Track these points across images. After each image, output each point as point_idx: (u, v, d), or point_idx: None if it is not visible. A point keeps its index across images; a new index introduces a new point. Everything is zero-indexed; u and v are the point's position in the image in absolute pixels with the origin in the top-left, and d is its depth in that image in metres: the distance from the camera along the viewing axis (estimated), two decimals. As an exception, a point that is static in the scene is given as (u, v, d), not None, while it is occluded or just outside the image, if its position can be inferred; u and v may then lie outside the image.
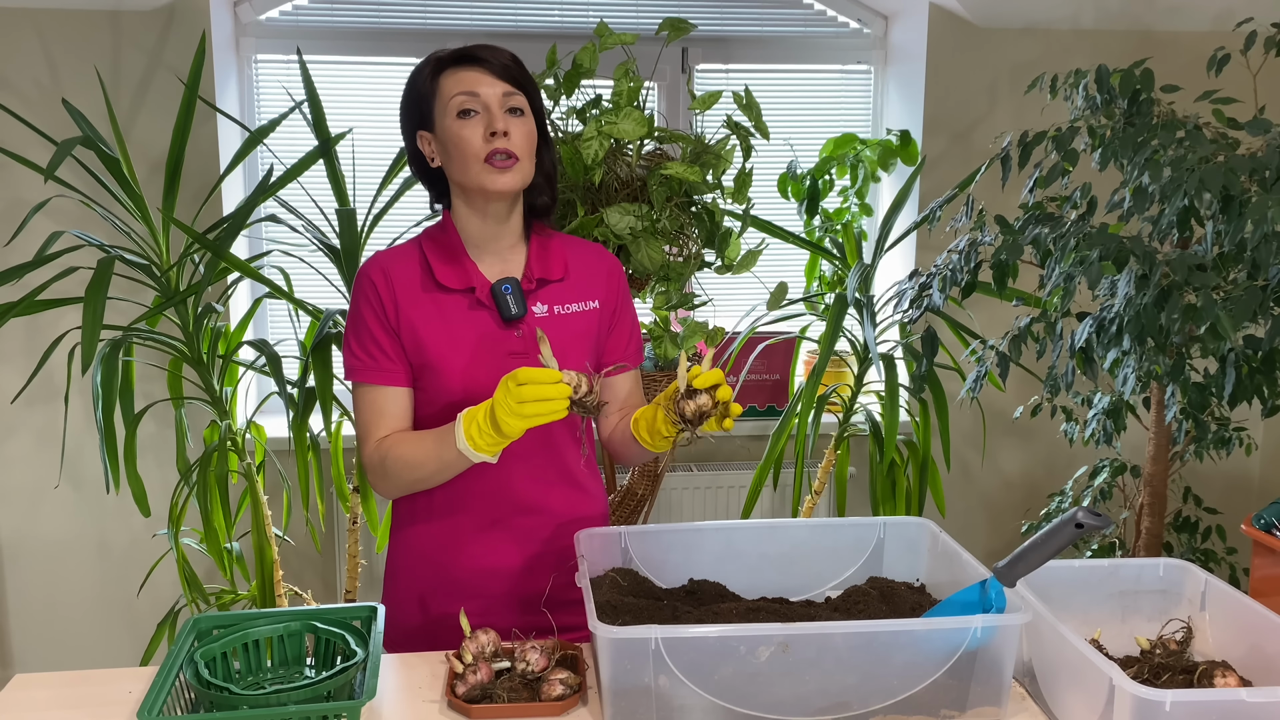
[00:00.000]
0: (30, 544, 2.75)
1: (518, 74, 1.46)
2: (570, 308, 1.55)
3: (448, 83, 1.45)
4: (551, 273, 1.54)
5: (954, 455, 2.98)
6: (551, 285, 1.54)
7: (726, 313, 2.90)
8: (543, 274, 1.53)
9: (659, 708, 1.23)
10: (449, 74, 1.45)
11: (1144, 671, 1.36)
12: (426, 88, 1.47)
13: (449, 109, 1.44)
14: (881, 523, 1.60)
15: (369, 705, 1.31)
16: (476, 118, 1.43)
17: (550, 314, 1.53)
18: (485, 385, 1.46)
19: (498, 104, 1.44)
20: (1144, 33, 2.84)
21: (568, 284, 1.55)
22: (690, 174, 2.15)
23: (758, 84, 2.94)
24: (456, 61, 1.45)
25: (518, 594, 1.56)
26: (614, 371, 1.61)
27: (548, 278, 1.53)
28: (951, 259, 2.11)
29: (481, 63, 1.44)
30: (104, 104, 2.38)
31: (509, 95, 1.44)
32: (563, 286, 1.55)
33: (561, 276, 1.54)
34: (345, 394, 2.61)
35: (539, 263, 1.53)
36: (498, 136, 1.42)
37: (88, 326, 1.90)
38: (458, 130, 1.44)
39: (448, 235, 1.53)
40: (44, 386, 2.60)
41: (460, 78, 1.44)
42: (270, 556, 2.34)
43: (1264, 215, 1.71)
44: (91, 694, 1.35)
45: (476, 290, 1.50)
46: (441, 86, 1.46)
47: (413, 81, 1.50)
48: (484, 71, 1.44)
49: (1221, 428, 2.33)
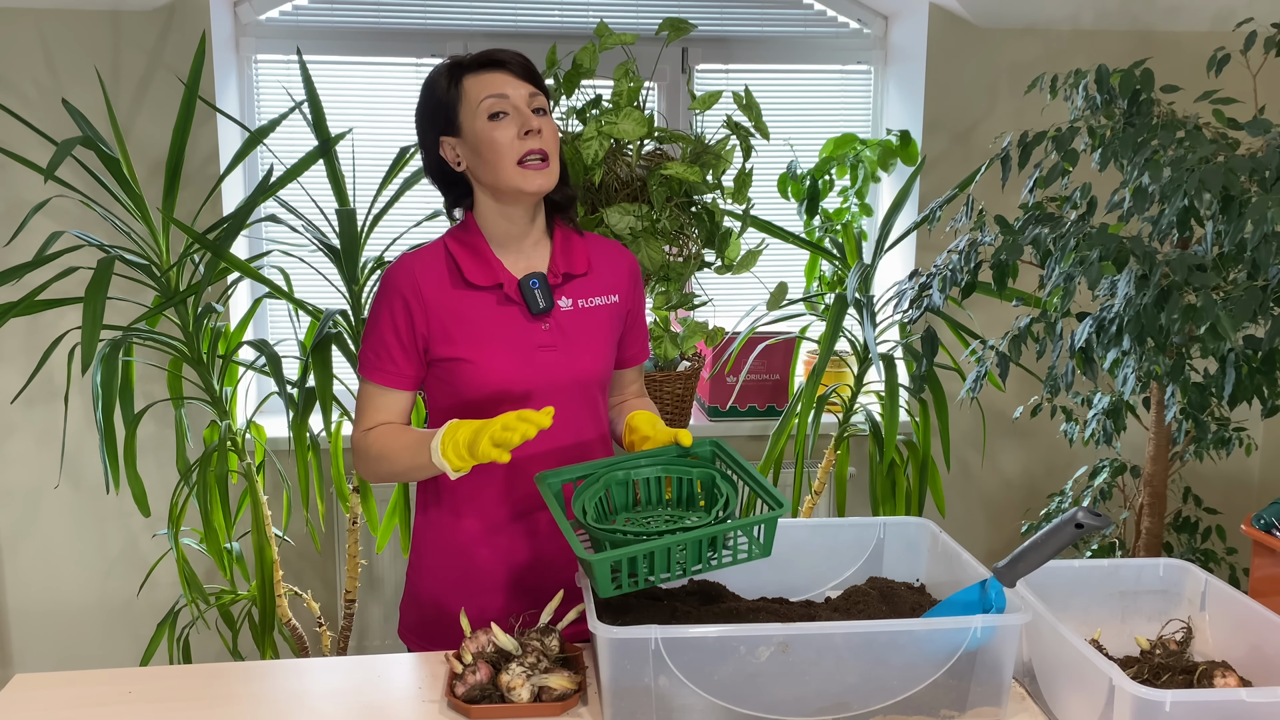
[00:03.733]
0: (30, 544, 2.75)
1: (537, 75, 1.51)
2: (594, 301, 1.60)
3: (473, 87, 1.48)
4: (576, 267, 1.58)
5: (954, 455, 2.98)
6: (576, 280, 1.59)
7: (726, 313, 2.90)
8: (568, 268, 1.58)
9: (659, 708, 1.23)
10: (472, 78, 1.48)
11: (1144, 671, 1.36)
12: (448, 94, 1.50)
13: (479, 112, 1.47)
14: (881, 523, 1.60)
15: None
16: (508, 119, 1.47)
17: (575, 307, 1.58)
18: (515, 378, 1.52)
19: (525, 104, 1.48)
20: (1144, 33, 2.84)
21: (591, 278, 1.60)
22: (690, 174, 2.15)
23: (758, 84, 2.94)
24: (478, 66, 1.49)
25: (532, 589, 1.59)
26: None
27: (572, 272, 1.58)
28: (951, 259, 2.11)
29: (504, 65, 1.48)
30: (104, 104, 2.38)
31: (534, 96, 1.49)
32: (586, 281, 1.60)
33: (585, 271, 1.59)
34: (345, 394, 2.61)
35: (563, 258, 1.58)
36: (532, 135, 1.46)
37: (88, 326, 1.90)
38: (490, 133, 1.47)
39: (472, 235, 1.56)
40: (44, 386, 2.60)
41: (486, 81, 1.47)
42: (270, 556, 2.34)
43: (1264, 215, 1.71)
44: (91, 694, 1.36)
45: (504, 286, 1.54)
46: (466, 91, 1.48)
47: (431, 89, 1.52)
48: (509, 74, 1.48)
49: (1221, 428, 2.33)
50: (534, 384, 1.53)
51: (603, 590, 1.24)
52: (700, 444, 1.47)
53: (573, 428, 1.58)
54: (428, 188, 2.59)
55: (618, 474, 1.44)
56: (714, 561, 1.30)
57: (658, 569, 1.26)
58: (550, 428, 1.54)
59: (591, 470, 1.45)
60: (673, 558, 1.26)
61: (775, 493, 1.31)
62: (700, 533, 1.26)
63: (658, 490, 1.46)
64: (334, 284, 2.35)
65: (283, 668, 1.44)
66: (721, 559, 1.30)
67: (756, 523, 1.28)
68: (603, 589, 1.25)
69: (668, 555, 1.25)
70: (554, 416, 1.47)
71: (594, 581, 1.25)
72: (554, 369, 1.54)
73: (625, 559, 1.23)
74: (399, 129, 2.80)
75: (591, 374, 1.57)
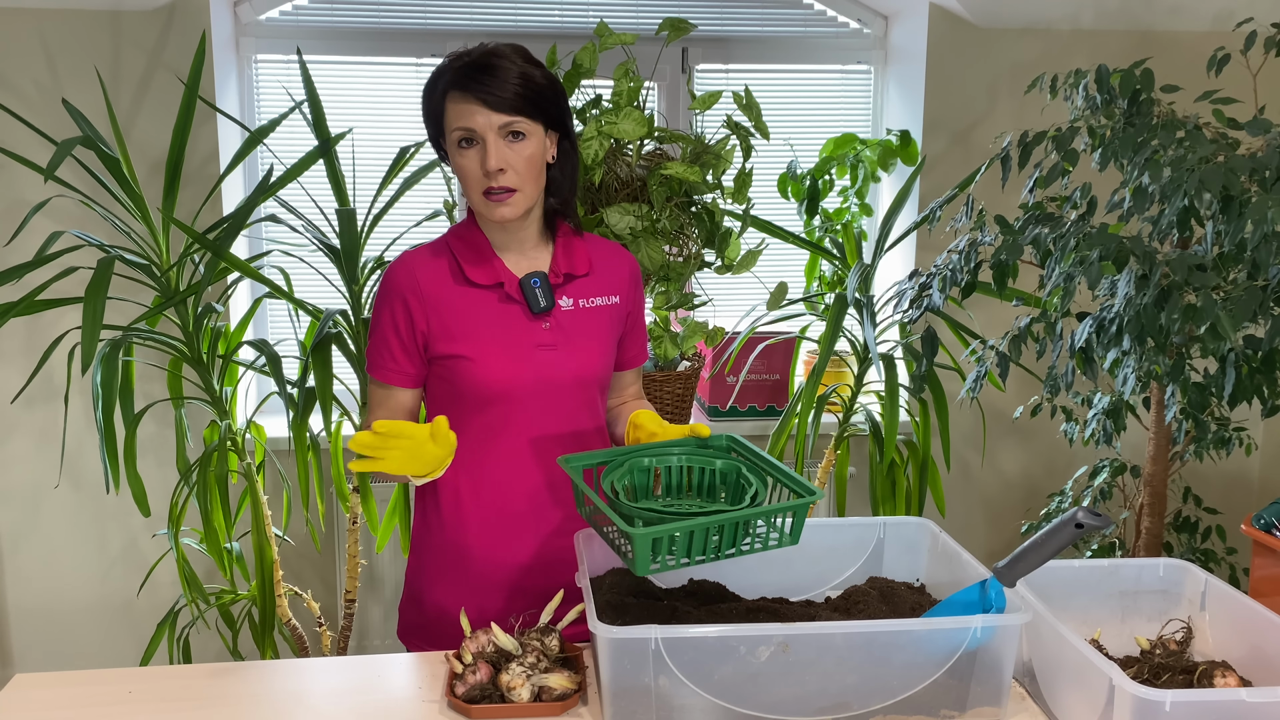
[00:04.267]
0: (30, 544, 2.75)
1: (520, 101, 1.44)
2: (594, 301, 1.60)
3: (450, 111, 1.47)
4: (577, 268, 1.59)
5: (954, 455, 2.98)
6: (577, 280, 1.59)
7: (726, 313, 2.90)
8: (569, 269, 1.58)
9: (659, 708, 1.23)
10: (453, 100, 1.46)
11: (1144, 671, 1.36)
12: (436, 106, 1.50)
13: (451, 138, 1.48)
14: (881, 523, 1.60)
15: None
16: (475, 149, 1.46)
17: (575, 307, 1.58)
18: (516, 376, 1.52)
19: (495, 135, 1.44)
20: (1144, 33, 2.84)
21: (592, 279, 1.61)
22: (690, 174, 2.15)
23: (758, 84, 2.94)
24: (462, 85, 1.45)
25: (533, 588, 1.59)
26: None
27: (574, 272, 1.59)
28: (951, 259, 2.11)
29: (483, 92, 1.43)
30: (104, 104, 2.38)
31: (508, 124, 1.45)
32: (587, 281, 1.60)
33: (586, 271, 1.60)
34: (345, 394, 2.62)
35: (564, 258, 1.58)
36: (492, 175, 1.45)
37: (88, 326, 1.90)
38: (459, 160, 1.48)
39: (474, 233, 1.57)
40: (44, 386, 2.60)
41: (460, 110, 1.45)
42: (270, 556, 2.34)
43: (1264, 215, 1.71)
44: (91, 694, 1.36)
45: (505, 285, 1.54)
46: (446, 113, 1.48)
47: (427, 94, 1.52)
48: (481, 105, 1.44)
49: (1221, 428, 2.33)
50: (533, 383, 1.53)
51: (641, 567, 1.24)
52: (716, 438, 1.48)
53: (572, 427, 1.58)
54: (428, 187, 2.62)
55: (642, 460, 1.45)
56: (745, 547, 1.30)
57: (694, 549, 1.26)
58: (548, 427, 1.56)
59: (613, 456, 1.45)
60: (709, 539, 1.26)
61: (804, 482, 1.32)
62: (742, 514, 1.27)
63: (679, 479, 1.47)
64: (334, 284, 2.35)
65: (283, 668, 1.44)
66: (754, 545, 1.30)
67: (793, 507, 1.29)
68: (641, 566, 1.24)
69: (705, 536, 1.26)
70: (552, 417, 1.48)
71: (633, 557, 1.24)
72: (554, 368, 1.54)
73: (666, 535, 1.23)
74: (399, 129, 2.80)
75: (591, 373, 1.58)
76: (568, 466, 1.41)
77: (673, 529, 1.23)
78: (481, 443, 1.56)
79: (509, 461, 1.56)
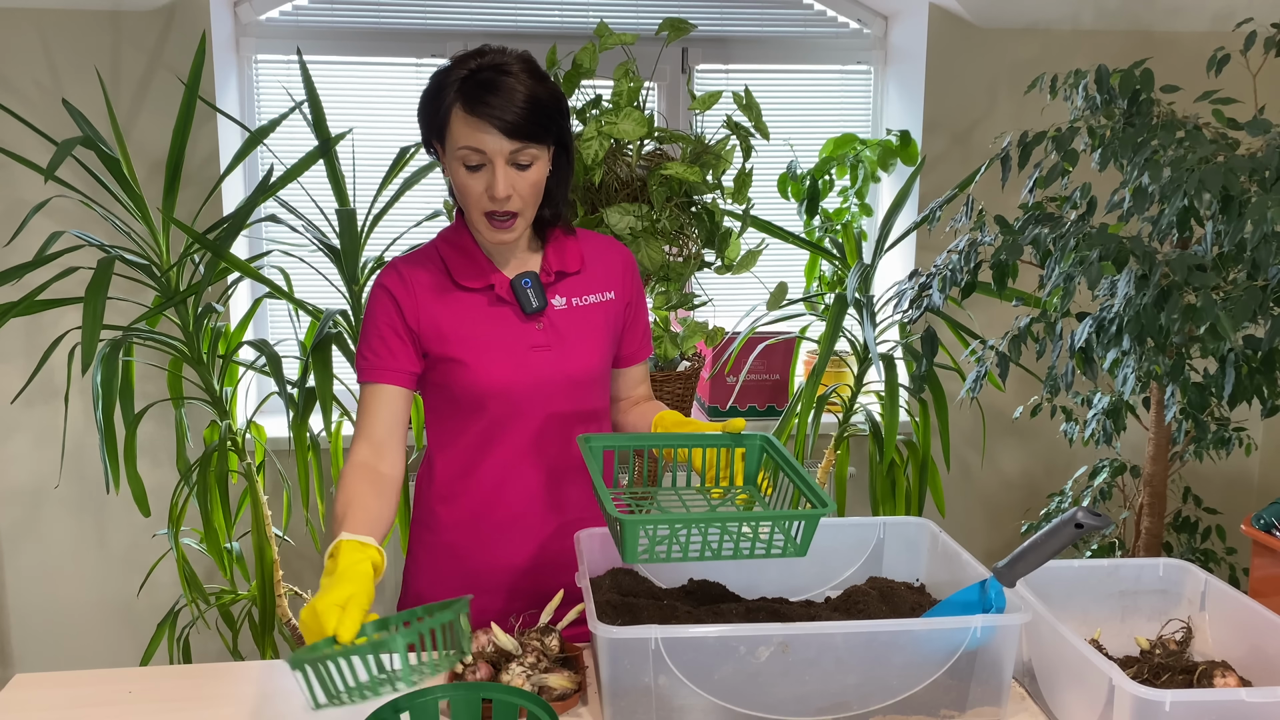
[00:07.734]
0: (30, 544, 2.75)
1: (531, 127, 1.40)
2: (588, 299, 1.58)
3: (457, 129, 1.40)
4: (569, 265, 1.57)
5: (954, 455, 2.98)
6: (569, 278, 1.58)
7: (726, 313, 2.90)
8: (560, 266, 1.56)
9: (659, 708, 1.23)
10: (460, 115, 1.40)
11: (1144, 671, 1.36)
12: (441, 115, 1.42)
13: (455, 155, 1.42)
14: (881, 523, 1.60)
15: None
16: (481, 171, 1.42)
17: (569, 306, 1.56)
18: (509, 379, 1.51)
19: (503, 160, 1.40)
20: (1144, 33, 2.84)
21: (584, 276, 1.59)
22: (690, 174, 2.15)
23: (758, 84, 2.94)
24: (471, 104, 1.39)
25: (531, 589, 1.59)
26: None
27: (565, 270, 1.57)
28: (951, 259, 2.11)
29: (494, 116, 1.38)
30: (104, 104, 2.38)
31: (518, 151, 1.41)
32: (580, 279, 1.58)
33: (578, 269, 1.58)
34: (345, 394, 2.61)
35: (556, 256, 1.57)
36: (498, 201, 1.42)
37: (88, 326, 1.90)
38: (463, 179, 1.43)
39: (463, 236, 1.55)
40: (44, 386, 2.60)
41: (468, 131, 1.39)
42: (270, 556, 2.34)
43: (1264, 215, 1.71)
44: (91, 694, 1.36)
45: (496, 287, 1.53)
46: (452, 128, 1.41)
47: (430, 96, 1.45)
48: (492, 129, 1.38)
49: (1221, 428, 2.33)
50: (529, 385, 1.52)
51: (629, 555, 1.23)
52: (750, 437, 1.48)
53: (569, 427, 1.57)
54: (428, 188, 2.62)
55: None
56: (747, 550, 1.28)
57: (688, 546, 1.25)
58: (545, 428, 1.54)
59: (638, 441, 1.45)
60: (706, 537, 1.25)
61: (821, 492, 1.29)
62: (734, 516, 1.26)
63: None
64: (334, 284, 2.35)
65: (283, 668, 1.44)
66: (754, 549, 1.28)
67: (793, 517, 1.27)
68: (629, 554, 1.23)
69: (704, 532, 1.25)
70: (551, 416, 1.47)
71: (622, 544, 1.24)
72: (549, 369, 1.53)
73: (655, 525, 1.23)
74: (399, 129, 2.80)
75: (586, 373, 1.56)
76: (586, 446, 1.41)
77: (660, 520, 1.23)
78: (479, 445, 1.55)
79: (507, 463, 1.55)
